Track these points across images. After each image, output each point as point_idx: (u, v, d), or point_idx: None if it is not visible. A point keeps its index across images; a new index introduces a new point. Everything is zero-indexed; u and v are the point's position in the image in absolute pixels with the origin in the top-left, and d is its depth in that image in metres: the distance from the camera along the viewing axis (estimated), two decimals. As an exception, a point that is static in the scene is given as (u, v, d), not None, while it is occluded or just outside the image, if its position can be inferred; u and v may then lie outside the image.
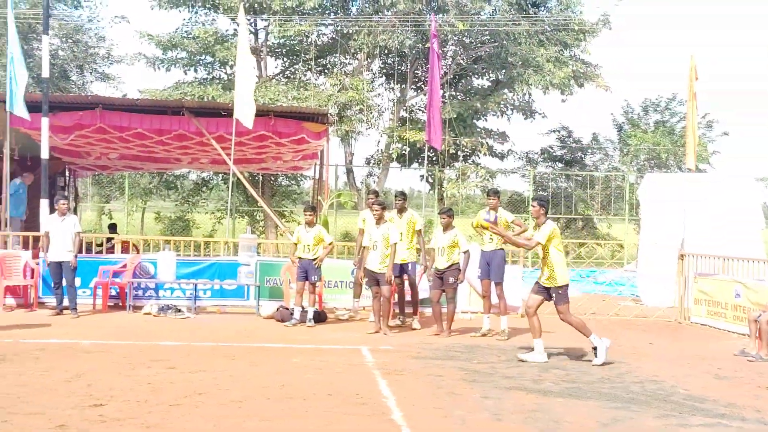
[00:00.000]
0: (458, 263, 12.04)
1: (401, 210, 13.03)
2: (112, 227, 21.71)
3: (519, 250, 14.61)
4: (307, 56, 28.40)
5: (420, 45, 27.31)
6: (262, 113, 16.12)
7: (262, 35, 29.18)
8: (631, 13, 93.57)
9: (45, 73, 15.25)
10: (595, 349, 10.05)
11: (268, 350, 10.39)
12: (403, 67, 29.13)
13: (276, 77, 29.78)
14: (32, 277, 13.63)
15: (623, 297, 17.02)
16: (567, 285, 10.21)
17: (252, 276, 13.94)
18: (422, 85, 29.57)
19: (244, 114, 14.86)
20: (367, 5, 28.99)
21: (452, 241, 11.95)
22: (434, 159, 27.93)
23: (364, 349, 10.52)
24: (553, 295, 10.09)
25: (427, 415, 7.20)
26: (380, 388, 8.19)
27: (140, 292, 14.00)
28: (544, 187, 31.14)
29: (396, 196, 13.44)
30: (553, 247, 10.06)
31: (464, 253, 12.02)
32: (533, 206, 10.38)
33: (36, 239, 14.09)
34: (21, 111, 14.35)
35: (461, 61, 28.93)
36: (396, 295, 12.88)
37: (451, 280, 12.01)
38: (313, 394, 7.82)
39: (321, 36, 29.49)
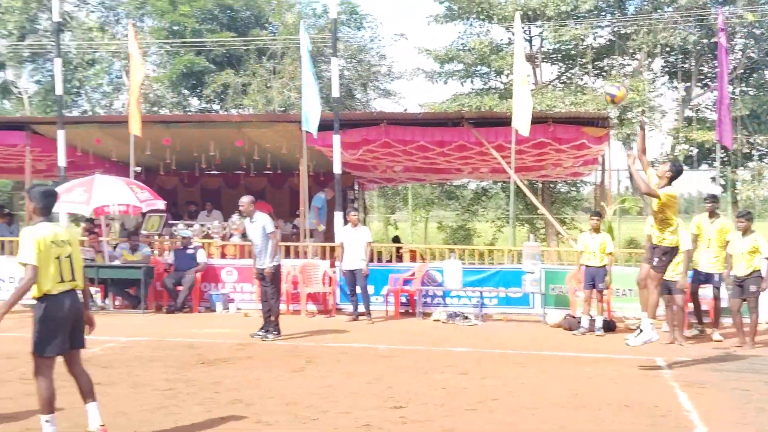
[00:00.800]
0: (759, 270, 11.18)
1: (713, 214, 12.15)
2: (396, 239, 22.60)
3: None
4: (583, 60, 27.89)
5: (705, 40, 25.88)
6: (540, 120, 16.02)
7: (536, 42, 29.11)
8: None
9: (335, 93, 16.18)
10: (640, 330, 9.35)
11: (556, 359, 10.27)
12: (686, 65, 27.70)
13: (552, 83, 29.55)
14: (330, 285, 14.52)
15: None
16: (674, 250, 9.47)
17: (537, 284, 13.88)
18: (708, 82, 27.97)
19: (522, 122, 14.85)
20: (645, 3, 27.94)
21: (752, 246, 11.12)
22: (725, 159, 26.23)
23: (659, 360, 10.06)
24: (655, 257, 9.41)
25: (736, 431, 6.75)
26: (680, 401, 7.78)
27: (429, 300, 14.44)
28: None
29: (706, 199, 12.46)
30: (671, 212, 9.33)
31: (766, 259, 11.15)
32: (663, 166, 9.59)
33: (332, 249, 15.03)
34: (314, 130, 15.36)
35: (752, 54, 26.99)
36: (692, 304, 12.19)
37: (753, 288, 11.15)
38: (608, 404, 7.61)
39: (597, 38, 28.87)
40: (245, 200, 11.67)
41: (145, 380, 8.57)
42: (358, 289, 13.62)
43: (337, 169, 15.58)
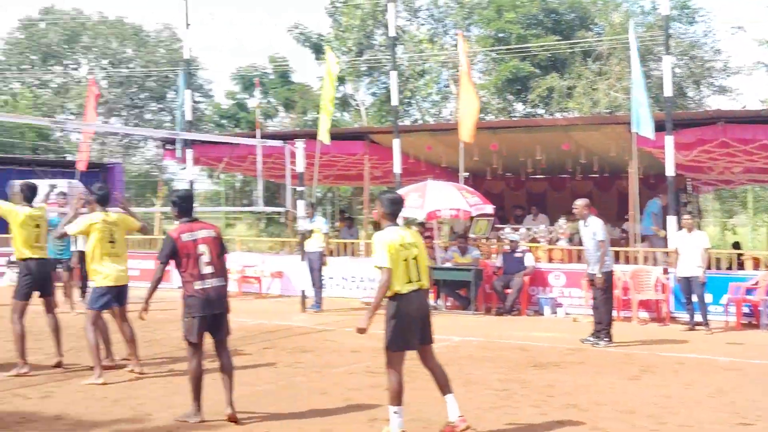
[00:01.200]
0: None
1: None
2: (736, 245, 21.18)
3: None
4: None
5: None
6: None
7: None
8: None
9: (667, 92, 15.46)
10: None
11: None
12: None
13: None
14: (663, 292, 13.91)
15: None
16: None
17: None
18: None
19: None
20: None
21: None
22: None
23: None
24: None
25: None
26: None
27: (775, 311, 13.31)
28: None
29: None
30: None
31: None
32: None
33: (664, 255, 14.40)
34: (646, 131, 14.77)
35: None
36: None
37: None
38: None
39: None
40: (579, 203, 11.49)
41: (478, 379, 8.79)
42: (694, 298, 12.90)
43: (670, 171, 14.88)
